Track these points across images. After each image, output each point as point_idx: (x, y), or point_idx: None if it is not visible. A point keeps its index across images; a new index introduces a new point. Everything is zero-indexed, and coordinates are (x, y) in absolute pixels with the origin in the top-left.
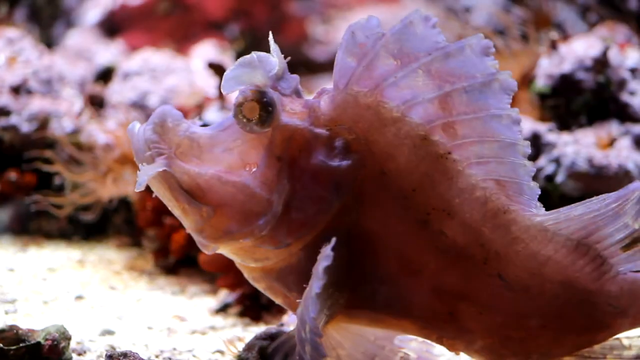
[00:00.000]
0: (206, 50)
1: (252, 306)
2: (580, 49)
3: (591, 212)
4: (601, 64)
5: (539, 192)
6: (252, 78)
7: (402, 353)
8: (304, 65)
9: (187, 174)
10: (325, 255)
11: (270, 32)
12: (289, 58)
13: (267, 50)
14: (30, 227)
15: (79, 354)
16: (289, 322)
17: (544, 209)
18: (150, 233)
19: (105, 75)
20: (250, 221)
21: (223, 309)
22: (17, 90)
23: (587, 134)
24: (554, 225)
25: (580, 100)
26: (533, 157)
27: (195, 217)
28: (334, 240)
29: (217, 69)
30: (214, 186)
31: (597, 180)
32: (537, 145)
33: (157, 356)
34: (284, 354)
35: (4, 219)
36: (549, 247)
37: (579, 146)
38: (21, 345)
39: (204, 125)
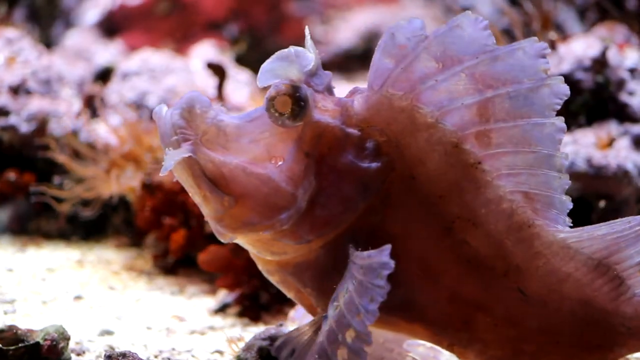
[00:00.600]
0: (205, 50)
1: (251, 306)
2: (579, 49)
3: (614, 233)
4: (600, 64)
5: (571, 206)
6: (287, 72)
7: (409, 358)
8: None
9: (212, 162)
10: (385, 263)
11: (306, 27)
12: (323, 54)
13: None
14: (29, 227)
15: (78, 354)
16: (295, 317)
17: (572, 224)
18: (151, 238)
19: (104, 76)
20: (272, 214)
21: (222, 309)
22: (16, 90)
23: (586, 134)
24: (576, 243)
25: (579, 101)
26: None
27: (215, 206)
28: (388, 247)
29: (216, 69)
30: (238, 176)
31: (596, 181)
32: None
33: (156, 356)
34: (290, 350)
35: (3, 219)
36: (570, 264)
37: (578, 146)
38: (20, 345)
39: None
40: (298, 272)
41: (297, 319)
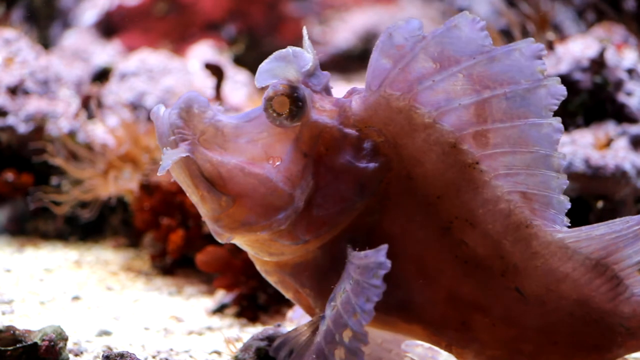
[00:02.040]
0: (203, 51)
1: (249, 307)
2: (577, 49)
3: (613, 233)
4: (598, 64)
5: (569, 206)
6: (285, 72)
7: (407, 358)
8: None
9: (210, 162)
10: (381, 262)
11: (304, 28)
12: (321, 54)
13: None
14: (27, 228)
15: (76, 355)
16: (293, 318)
17: (570, 224)
18: (148, 237)
19: (102, 76)
20: (269, 214)
21: (220, 310)
22: (14, 90)
23: (584, 135)
24: (574, 243)
25: (577, 101)
26: None
27: (213, 206)
28: (385, 246)
29: (214, 70)
30: (236, 176)
31: (594, 181)
32: None
33: (154, 357)
34: (289, 350)
35: (0, 219)
36: (568, 264)
37: (576, 147)
38: (18, 345)
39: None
40: (296, 272)
41: (295, 319)
